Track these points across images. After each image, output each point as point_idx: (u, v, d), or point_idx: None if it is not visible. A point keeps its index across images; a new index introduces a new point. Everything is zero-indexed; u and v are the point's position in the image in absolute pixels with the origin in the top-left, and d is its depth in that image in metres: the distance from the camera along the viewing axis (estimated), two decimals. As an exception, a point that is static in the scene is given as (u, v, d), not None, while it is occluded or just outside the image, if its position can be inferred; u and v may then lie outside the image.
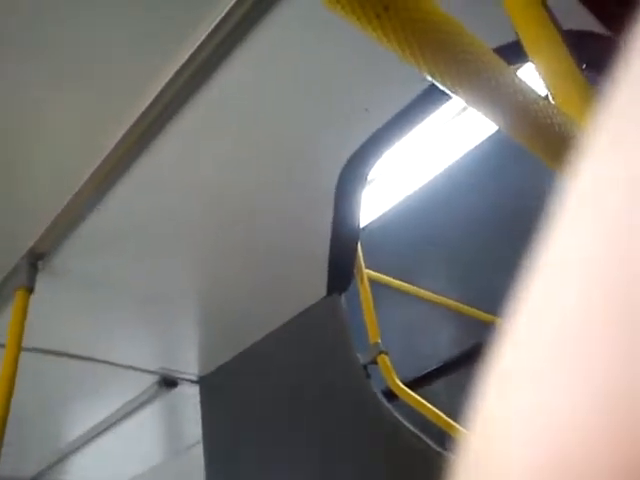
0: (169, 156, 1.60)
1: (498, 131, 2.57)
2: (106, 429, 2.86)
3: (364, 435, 1.89)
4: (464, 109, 2.72)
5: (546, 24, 0.89)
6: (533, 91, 0.93)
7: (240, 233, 1.90)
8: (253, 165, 1.68)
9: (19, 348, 1.69)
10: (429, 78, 0.87)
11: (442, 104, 1.53)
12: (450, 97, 1.47)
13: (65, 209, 1.69)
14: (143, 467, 3.37)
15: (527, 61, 1.05)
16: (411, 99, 1.50)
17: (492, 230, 2.76)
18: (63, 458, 3.13)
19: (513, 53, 1.08)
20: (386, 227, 3.12)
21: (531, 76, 0.95)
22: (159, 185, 1.70)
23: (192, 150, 1.61)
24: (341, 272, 2.03)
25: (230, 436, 2.36)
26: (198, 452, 2.46)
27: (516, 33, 0.90)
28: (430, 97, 1.49)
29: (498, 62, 0.90)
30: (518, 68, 1.38)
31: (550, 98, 0.92)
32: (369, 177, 1.79)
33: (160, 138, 1.53)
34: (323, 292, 2.07)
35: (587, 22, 1.27)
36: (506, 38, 1.12)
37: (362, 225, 2.01)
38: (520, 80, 0.91)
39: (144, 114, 1.45)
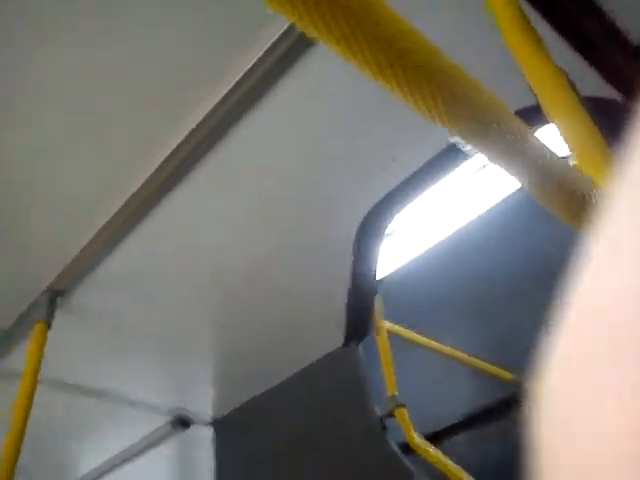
0: (186, 206, 1.63)
1: (520, 188, 2.56)
2: (117, 465, 2.84)
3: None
4: (486, 165, 2.73)
5: (565, 88, 0.90)
6: (554, 153, 0.93)
7: (256, 280, 1.91)
8: (271, 217, 1.70)
9: (35, 380, 1.71)
10: (451, 136, 0.88)
11: (465, 160, 1.54)
12: (471, 155, 1.49)
13: (84, 249, 1.73)
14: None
15: (546, 124, 1.05)
16: (434, 154, 1.51)
17: (512, 285, 2.74)
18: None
19: (533, 115, 1.09)
20: (405, 280, 3.10)
21: (549, 138, 0.96)
22: (176, 232, 1.73)
23: (210, 201, 1.64)
24: (359, 323, 2.02)
25: (242, 478, 2.33)
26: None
27: (535, 97, 0.92)
28: (453, 153, 1.50)
29: (518, 122, 0.91)
30: (537, 130, 1.39)
31: (570, 160, 0.92)
32: (388, 229, 1.79)
33: (178, 188, 1.57)
34: (340, 341, 2.06)
35: (600, 87, 1.27)
36: (525, 103, 1.14)
37: (381, 276, 2.00)
38: (540, 141, 0.92)
39: (163, 163, 1.48)
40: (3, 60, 1.24)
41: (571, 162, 0.88)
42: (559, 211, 0.96)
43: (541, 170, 0.91)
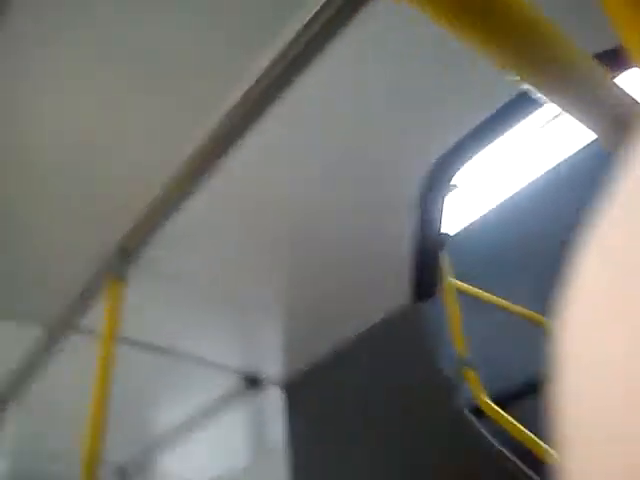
0: (251, 160, 1.63)
1: (594, 139, 2.45)
2: (191, 425, 2.93)
3: (449, 451, 1.84)
4: (558, 116, 2.61)
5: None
6: (635, 101, 0.87)
7: (324, 238, 1.91)
8: (335, 170, 1.68)
9: (115, 338, 1.76)
10: (521, 85, 0.84)
11: (532, 112, 1.47)
12: (541, 105, 1.42)
13: (153, 205, 1.75)
14: (225, 466, 3.44)
15: (629, 68, 0.99)
16: (501, 105, 1.45)
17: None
18: (151, 451, 3.24)
19: (613, 59, 1.02)
20: (473, 237, 3.03)
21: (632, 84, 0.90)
22: (243, 188, 1.73)
23: (274, 155, 1.63)
24: (425, 280, 2.00)
25: (313, 441, 2.37)
26: (281, 455, 2.48)
27: (618, 39, 0.86)
28: (521, 104, 1.44)
29: (598, 69, 0.85)
30: (619, 75, 1.31)
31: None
32: (457, 183, 1.75)
33: (242, 142, 1.56)
34: (407, 299, 2.04)
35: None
36: (607, 44, 1.07)
37: (450, 233, 1.96)
38: (621, 89, 0.86)
39: (226, 116, 1.48)
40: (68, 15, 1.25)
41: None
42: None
43: (620, 119, 0.85)
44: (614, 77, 0.98)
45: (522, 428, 1.74)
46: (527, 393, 2.68)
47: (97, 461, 1.59)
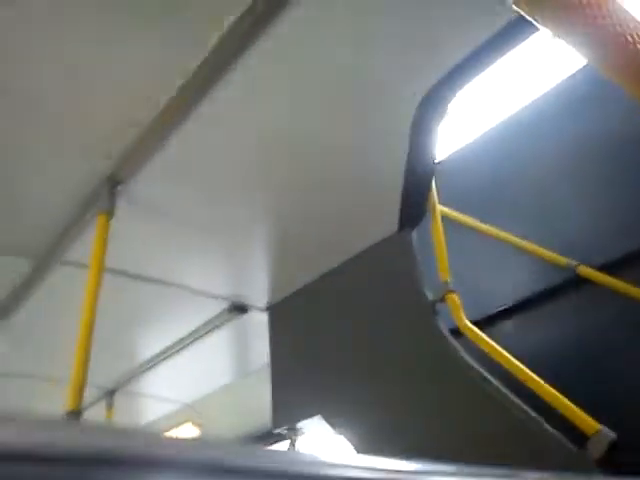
0: (242, 90, 1.60)
1: (586, 65, 2.43)
2: (179, 350, 3.00)
3: (430, 370, 1.91)
4: (550, 42, 2.57)
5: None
6: (634, 19, 0.86)
7: (312, 165, 1.90)
8: (326, 97, 1.66)
9: (101, 269, 1.79)
10: (514, 9, 0.82)
11: (526, 37, 1.45)
12: (535, 30, 1.39)
13: (141, 138, 1.73)
14: (213, 386, 3.54)
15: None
16: (495, 31, 1.43)
17: (569, 170, 2.66)
18: (139, 373, 3.32)
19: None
20: (462, 163, 3.04)
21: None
22: (231, 119, 1.71)
23: (264, 84, 1.60)
24: (414, 207, 2.01)
25: (296, 360, 2.44)
26: (265, 374, 2.55)
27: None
28: (514, 29, 1.41)
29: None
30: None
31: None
32: (448, 110, 1.73)
33: (230, 73, 1.53)
34: (395, 227, 2.06)
35: None
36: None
37: (439, 159, 1.96)
38: (619, 6, 0.85)
39: (218, 45, 1.44)
40: None
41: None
42: (631, 87, 0.90)
43: (617, 40, 0.84)
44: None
45: (500, 349, 1.80)
46: (507, 315, 2.77)
47: (83, 385, 1.65)
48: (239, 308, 2.65)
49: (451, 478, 0.63)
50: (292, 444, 2.80)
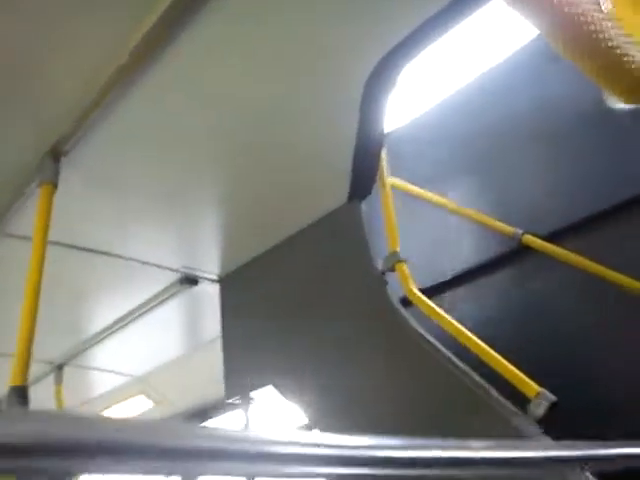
0: (188, 57, 1.57)
1: (537, 37, 2.46)
2: (129, 322, 2.97)
3: (379, 339, 1.94)
4: (500, 13, 2.58)
5: None
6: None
7: (260, 135, 1.88)
8: (275, 65, 1.64)
9: (45, 241, 1.74)
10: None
11: (477, 8, 1.45)
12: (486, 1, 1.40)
13: (87, 106, 1.69)
14: (165, 358, 3.53)
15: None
16: (448, 0, 1.42)
17: (517, 141, 2.71)
18: (88, 347, 3.28)
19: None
20: (413, 133, 3.06)
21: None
22: (178, 87, 1.68)
23: (212, 51, 1.57)
24: (363, 178, 2.02)
25: (248, 332, 2.45)
26: (218, 345, 2.56)
27: None
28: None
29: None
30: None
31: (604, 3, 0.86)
32: (398, 81, 1.73)
33: (177, 40, 1.50)
34: (345, 199, 2.07)
35: None
36: None
37: (387, 131, 1.97)
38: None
39: (162, 16, 1.41)
40: None
41: (604, 5, 0.82)
42: (581, 62, 0.91)
43: (569, 14, 0.85)
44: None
45: (448, 317, 1.84)
46: (455, 284, 2.83)
47: (28, 359, 1.63)
48: (190, 280, 2.63)
49: (398, 452, 0.65)
50: (245, 413, 2.83)
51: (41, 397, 2.87)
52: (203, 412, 4.09)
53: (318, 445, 0.54)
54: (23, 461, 0.37)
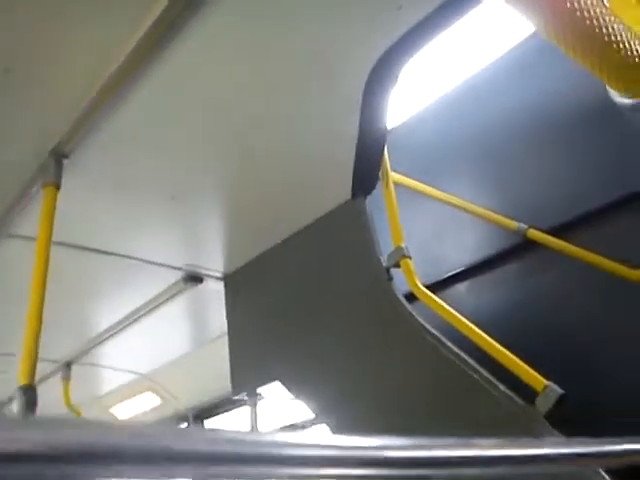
0: (189, 58, 1.57)
1: (535, 32, 2.45)
2: (135, 320, 2.99)
3: (385, 335, 1.94)
4: (501, 9, 2.58)
5: None
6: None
7: (264, 133, 1.89)
8: (277, 67, 1.64)
9: (49, 242, 1.75)
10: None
11: (477, 4, 1.45)
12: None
13: (88, 108, 1.69)
14: (171, 356, 3.54)
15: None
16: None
17: (520, 136, 2.70)
18: (95, 345, 3.30)
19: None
20: (416, 130, 3.05)
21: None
22: (180, 87, 1.68)
23: (213, 52, 1.57)
24: (366, 174, 2.02)
25: (253, 329, 2.45)
26: (224, 342, 2.56)
27: None
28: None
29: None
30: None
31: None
32: (399, 77, 1.73)
33: (179, 41, 1.50)
34: (348, 195, 2.07)
35: None
36: None
37: (390, 127, 1.97)
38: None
39: (162, 15, 1.41)
40: None
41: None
42: (581, 57, 0.91)
43: (567, 10, 0.85)
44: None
45: (453, 312, 1.84)
46: (460, 279, 2.83)
47: (35, 358, 1.64)
48: (194, 278, 2.64)
49: (404, 452, 0.65)
50: (252, 409, 2.84)
51: (49, 395, 2.89)
52: (210, 409, 4.11)
53: (326, 447, 0.54)
54: (33, 467, 0.38)
